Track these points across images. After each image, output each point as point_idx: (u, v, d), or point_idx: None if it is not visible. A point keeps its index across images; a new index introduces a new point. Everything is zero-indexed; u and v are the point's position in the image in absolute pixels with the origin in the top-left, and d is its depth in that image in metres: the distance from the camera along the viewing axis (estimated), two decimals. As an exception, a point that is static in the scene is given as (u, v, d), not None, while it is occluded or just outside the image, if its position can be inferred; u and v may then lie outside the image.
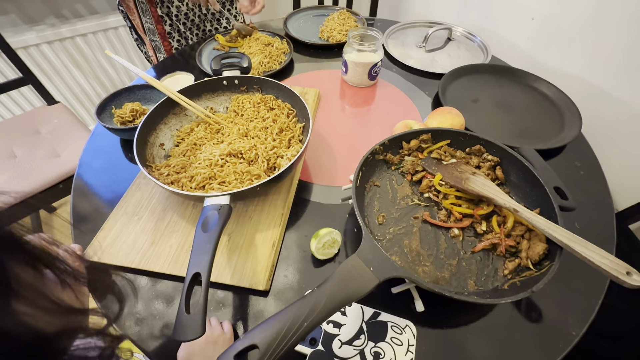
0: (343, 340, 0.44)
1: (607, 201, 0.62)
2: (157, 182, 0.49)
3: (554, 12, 0.96)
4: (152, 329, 0.47)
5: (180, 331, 0.33)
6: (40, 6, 1.32)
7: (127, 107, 0.71)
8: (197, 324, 0.33)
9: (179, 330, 0.33)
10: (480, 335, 0.46)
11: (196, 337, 0.33)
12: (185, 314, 0.34)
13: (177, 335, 0.33)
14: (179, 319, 0.34)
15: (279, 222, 0.55)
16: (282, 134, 0.63)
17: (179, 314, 0.34)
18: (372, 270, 0.41)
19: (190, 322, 0.34)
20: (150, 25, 0.98)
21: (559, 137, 0.70)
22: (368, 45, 0.77)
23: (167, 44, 1.03)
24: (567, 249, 0.44)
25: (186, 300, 0.35)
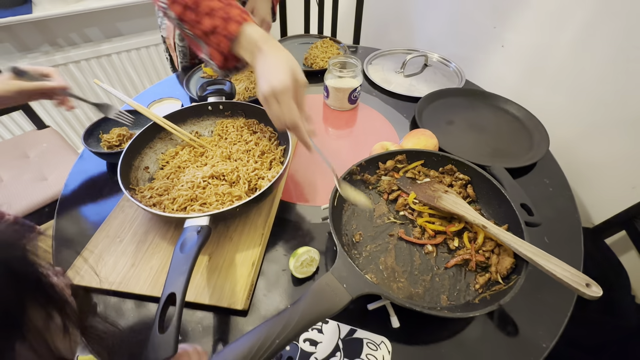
0: (319, 358, 0.44)
1: (575, 216, 0.65)
2: (138, 204, 0.50)
3: (522, 41, 1.04)
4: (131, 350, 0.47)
5: (152, 353, 0.34)
6: (35, 35, 1.36)
7: (114, 132, 0.74)
8: (169, 344, 0.34)
9: (150, 350, 0.34)
10: (455, 350, 0.47)
11: (168, 357, 0.33)
12: (158, 334, 0.35)
13: (149, 355, 0.34)
14: (152, 339, 0.35)
15: (259, 242, 0.56)
16: (264, 156, 0.65)
17: (152, 333, 0.35)
18: (346, 287, 0.42)
19: (163, 342, 0.34)
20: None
21: (528, 156, 0.74)
22: (347, 72, 0.82)
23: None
24: (532, 263, 0.46)
25: (160, 320, 0.36)
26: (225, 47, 0.50)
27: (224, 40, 0.50)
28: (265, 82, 0.46)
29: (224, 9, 0.50)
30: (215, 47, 0.51)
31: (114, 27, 1.50)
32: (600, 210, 0.98)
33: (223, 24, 0.49)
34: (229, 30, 0.49)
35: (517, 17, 1.02)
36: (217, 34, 0.50)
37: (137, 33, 1.53)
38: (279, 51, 0.49)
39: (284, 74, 0.46)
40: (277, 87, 0.45)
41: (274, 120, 0.51)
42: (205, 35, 0.51)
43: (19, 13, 1.22)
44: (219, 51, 0.51)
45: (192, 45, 0.57)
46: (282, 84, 0.45)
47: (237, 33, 0.49)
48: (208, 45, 0.52)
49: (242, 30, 0.50)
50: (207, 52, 0.53)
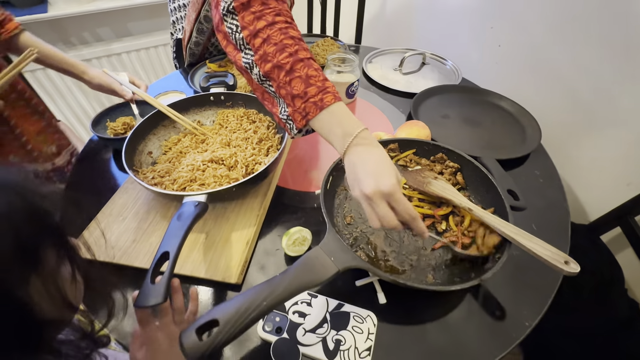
0: (307, 329, 0.46)
1: (564, 206, 0.66)
2: (140, 183, 0.53)
3: (518, 40, 1.06)
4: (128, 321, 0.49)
5: (143, 298, 0.36)
6: (50, 33, 1.42)
7: (120, 120, 0.77)
8: (159, 292, 0.37)
9: (142, 297, 0.36)
10: (439, 327, 0.49)
11: (158, 303, 0.36)
12: (149, 284, 0.37)
13: (140, 302, 0.36)
14: (144, 288, 0.37)
15: (254, 222, 0.59)
16: (262, 143, 0.68)
17: (145, 283, 0.38)
18: (333, 260, 0.44)
19: (154, 290, 0.37)
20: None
21: (520, 149, 0.76)
22: (345, 67, 0.85)
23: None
24: (514, 242, 0.48)
25: (152, 272, 0.39)
26: (313, 115, 0.48)
27: (314, 108, 0.48)
28: (371, 181, 0.43)
29: (321, 79, 0.49)
30: (300, 112, 0.49)
31: (124, 27, 1.55)
32: (596, 207, 0.99)
33: (317, 93, 0.48)
34: (323, 101, 0.47)
35: (513, 17, 1.04)
36: (307, 100, 0.48)
37: (147, 33, 1.59)
38: (378, 148, 0.46)
39: (392, 176, 0.43)
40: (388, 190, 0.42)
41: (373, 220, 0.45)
42: (291, 98, 0.49)
43: (35, 12, 1.28)
44: (304, 116, 0.49)
45: (264, 100, 0.56)
46: (393, 186, 0.42)
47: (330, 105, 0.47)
48: (290, 107, 0.50)
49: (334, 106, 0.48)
50: (286, 112, 0.52)
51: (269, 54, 0.50)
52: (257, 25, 0.50)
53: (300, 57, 0.49)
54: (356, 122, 0.47)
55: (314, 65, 0.50)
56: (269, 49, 0.49)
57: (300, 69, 0.49)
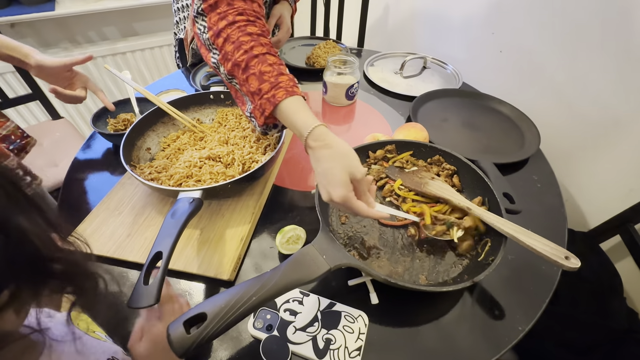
0: (297, 327, 0.46)
1: (561, 211, 0.65)
2: (137, 177, 0.54)
3: (519, 46, 1.06)
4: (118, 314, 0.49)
5: (136, 299, 0.36)
6: (56, 31, 1.45)
7: (120, 117, 0.78)
8: (152, 294, 0.37)
9: (134, 299, 0.36)
10: (431, 328, 0.48)
11: (150, 305, 0.36)
12: (142, 285, 0.37)
13: (132, 303, 0.36)
14: (136, 289, 0.37)
15: (249, 220, 0.59)
16: (259, 142, 0.68)
17: (137, 284, 0.38)
18: (325, 258, 0.44)
19: (146, 292, 0.37)
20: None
21: (518, 154, 0.75)
22: (345, 69, 0.85)
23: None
24: (514, 239, 0.48)
25: (146, 273, 0.39)
26: (269, 112, 0.49)
27: (268, 104, 0.48)
28: (324, 192, 0.45)
29: (274, 74, 0.49)
30: (258, 109, 0.50)
31: (130, 26, 1.57)
32: (596, 215, 0.98)
33: (270, 89, 0.48)
34: (275, 97, 0.48)
35: (515, 23, 1.05)
36: (262, 97, 0.49)
37: (152, 33, 1.61)
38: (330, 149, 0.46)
39: (341, 187, 0.43)
40: (337, 200, 0.43)
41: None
42: (251, 95, 0.50)
43: (43, 10, 1.30)
44: (261, 113, 0.50)
45: (236, 99, 0.57)
46: (341, 197, 0.43)
47: (282, 101, 0.48)
48: (252, 104, 0.51)
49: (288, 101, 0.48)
50: (250, 109, 0.53)
51: (228, 52, 0.51)
52: (220, 25, 0.51)
53: (254, 54, 0.49)
54: (307, 120, 0.47)
55: (269, 60, 0.50)
56: (229, 47, 0.50)
57: (255, 66, 0.49)
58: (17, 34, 1.38)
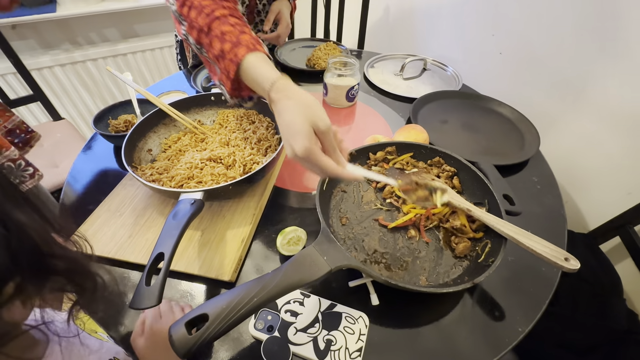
0: (298, 328, 0.46)
1: (561, 213, 0.66)
2: (138, 179, 0.54)
3: (519, 48, 1.06)
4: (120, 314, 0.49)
5: (137, 300, 0.36)
6: (57, 33, 1.45)
7: (121, 118, 0.78)
8: (154, 295, 0.37)
9: (136, 300, 0.37)
10: (431, 330, 0.49)
11: (152, 306, 0.36)
12: (144, 286, 0.38)
13: (134, 304, 0.36)
14: (138, 290, 0.37)
15: (250, 221, 0.59)
16: (260, 143, 0.69)
17: (139, 285, 0.38)
18: (326, 259, 0.44)
19: (148, 293, 0.37)
20: None
21: (518, 155, 0.76)
22: (345, 70, 0.86)
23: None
24: (514, 241, 0.48)
25: (147, 274, 0.39)
26: (232, 71, 0.47)
27: (231, 64, 0.47)
28: (288, 147, 0.43)
29: (236, 34, 0.47)
30: (224, 72, 0.49)
31: (131, 28, 1.58)
32: (595, 216, 0.99)
33: (232, 48, 0.47)
34: (237, 55, 0.46)
35: (514, 25, 1.05)
36: (225, 58, 0.47)
37: (153, 35, 1.61)
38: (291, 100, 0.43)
39: (303, 137, 0.40)
40: (300, 154, 0.41)
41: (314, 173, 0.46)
42: (217, 59, 0.49)
43: (44, 11, 1.31)
44: (227, 76, 0.49)
45: (210, 71, 0.55)
46: (303, 149, 0.40)
47: (243, 58, 0.46)
48: (220, 70, 0.50)
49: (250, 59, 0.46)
50: (219, 76, 0.52)
51: (193, 20, 0.50)
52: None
53: (216, 16, 0.48)
54: (269, 74, 0.45)
55: (231, 20, 0.49)
56: (192, 14, 0.50)
57: (216, 28, 0.48)
58: (19, 35, 1.39)
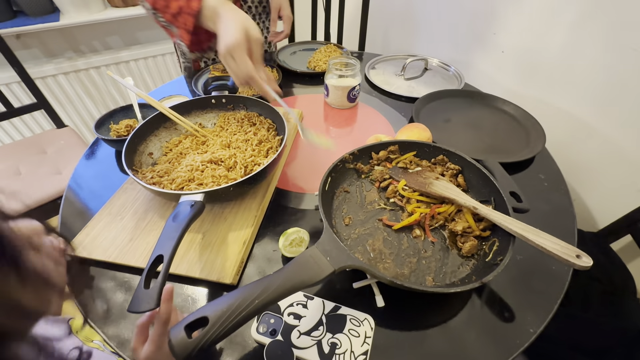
0: (302, 331, 0.45)
1: (570, 210, 0.64)
2: (138, 182, 0.53)
3: (521, 46, 1.05)
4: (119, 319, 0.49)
5: (136, 303, 0.36)
6: (61, 42, 1.47)
7: (123, 123, 0.78)
8: (152, 298, 0.36)
9: (134, 303, 0.36)
10: (439, 332, 0.47)
11: (150, 309, 0.35)
12: (143, 289, 0.37)
13: (132, 307, 0.35)
14: (137, 293, 0.36)
15: (251, 223, 0.58)
16: (261, 145, 0.68)
17: (138, 288, 0.37)
18: (329, 259, 0.43)
19: (147, 296, 0.36)
20: None
21: (523, 152, 0.74)
22: (346, 71, 0.85)
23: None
24: (523, 239, 0.46)
25: (146, 277, 0.38)
26: (190, 24, 0.52)
27: (189, 17, 0.52)
28: (221, 41, 0.48)
29: None
30: (183, 27, 0.54)
31: (133, 36, 1.59)
32: (605, 214, 0.96)
33: (186, 3, 0.51)
34: (191, 8, 0.51)
35: (516, 23, 1.04)
36: (182, 13, 0.52)
37: (154, 42, 1.63)
38: (234, 13, 0.50)
39: (237, 32, 0.47)
40: (230, 44, 0.47)
41: (234, 78, 0.53)
42: (174, 18, 0.53)
43: (48, 21, 1.32)
44: (186, 30, 0.53)
45: (167, 33, 0.60)
46: (235, 40, 0.47)
47: (199, 8, 0.51)
48: (178, 28, 0.55)
49: (204, 4, 0.52)
50: (177, 34, 0.56)
51: None
52: None
53: None
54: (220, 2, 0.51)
55: None
56: None
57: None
58: (23, 44, 1.41)
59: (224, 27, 0.49)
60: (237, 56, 0.48)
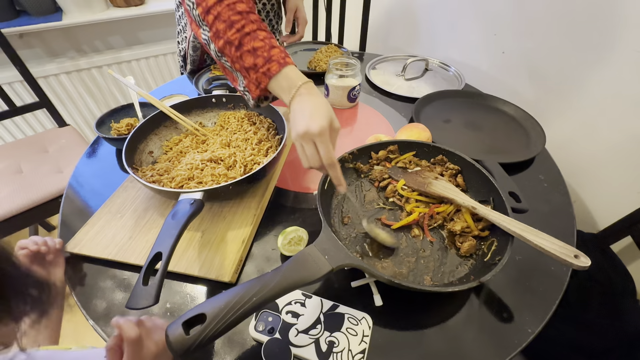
0: (300, 329, 0.45)
1: (569, 211, 0.64)
2: (138, 180, 0.54)
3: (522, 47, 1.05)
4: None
5: (134, 300, 0.36)
6: (63, 41, 1.48)
7: (123, 121, 0.79)
8: (150, 294, 0.36)
9: (132, 300, 0.36)
10: (437, 331, 0.47)
11: (149, 306, 0.35)
12: (141, 286, 0.37)
13: (130, 304, 0.36)
14: (135, 290, 0.37)
15: (250, 222, 0.58)
16: (261, 144, 0.68)
17: (136, 285, 0.37)
18: (327, 258, 0.43)
19: (145, 293, 0.36)
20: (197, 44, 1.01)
21: (523, 153, 0.74)
22: (346, 71, 0.85)
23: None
24: (521, 239, 0.46)
25: (145, 273, 0.38)
26: (264, 84, 0.53)
27: (264, 78, 0.52)
28: (303, 123, 0.47)
29: (267, 49, 0.52)
30: (253, 82, 0.54)
31: (134, 35, 1.60)
32: (605, 216, 0.96)
33: (264, 63, 0.51)
34: (269, 70, 0.51)
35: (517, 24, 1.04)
36: (257, 72, 0.52)
37: (156, 42, 1.63)
38: (318, 97, 0.50)
39: (324, 120, 0.46)
40: (317, 131, 0.46)
41: (304, 161, 0.50)
42: (245, 71, 0.54)
43: (50, 20, 1.33)
44: (257, 86, 0.54)
45: (226, 75, 0.60)
46: (322, 128, 0.46)
47: (276, 73, 0.51)
48: (246, 79, 0.55)
49: (283, 72, 0.52)
50: (243, 84, 0.56)
51: (220, 31, 0.53)
52: (209, 1, 0.53)
53: (246, 31, 0.52)
54: (300, 77, 0.51)
55: (260, 35, 0.53)
56: (220, 26, 0.53)
57: (248, 43, 0.52)
58: (26, 44, 1.42)
59: (308, 109, 0.48)
60: (320, 142, 0.47)
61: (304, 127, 0.46)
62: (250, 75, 0.53)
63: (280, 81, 0.52)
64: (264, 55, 0.51)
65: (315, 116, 0.47)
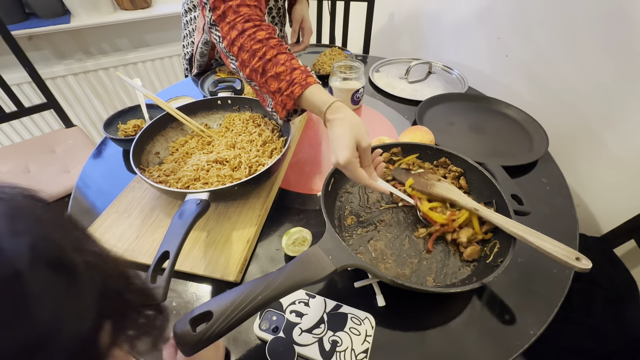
0: (303, 329, 0.46)
1: (572, 214, 0.64)
2: (145, 180, 0.55)
3: (525, 51, 1.06)
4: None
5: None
6: (71, 43, 1.50)
7: (130, 123, 0.80)
8: (158, 292, 0.37)
9: (141, 296, 0.37)
10: (439, 332, 0.48)
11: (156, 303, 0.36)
12: (150, 284, 0.38)
13: (139, 300, 0.36)
14: (144, 287, 0.37)
15: (255, 222, 0.59)
16: (266, 145, 0.69)
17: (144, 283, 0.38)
18: (331, 258, 0.44)
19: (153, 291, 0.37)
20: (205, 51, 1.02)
21: (526, 156, 0.74)
22: (350, 74, 0.86)
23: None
24: (523, 241, 0.47)
25: (153, 271, 0.39)
26: (290, 105, 0.57)
27: (289, 100, 0.56)
28: (333, 156, 0.50)
29: (289, 72, 0.55)
30: (280, 104, 0.58)
31: (141, 38, 1.62)
32: (608, 219, 0.96)
33: (287, 87, 0.55)
34: (293, 92, 0.55)
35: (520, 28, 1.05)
36: (282, 94, 0.56)
37: (162, 44, 1.65)
38: (342, 121, 0.51)
39: (345, 150, 0.48)
40: (342, 163, 0.49)
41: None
42: (272, 94, 0.58)
43: (59, 23, 1.35)
44: (283, 107, 0.58)
45: (257, 96, 0.64)
46: (345, 159, 0.48)
47: (299, 95, 0.55)
48: (273, 101, 0.59)
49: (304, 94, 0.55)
50: (271, 105, 0.60)
51: (245, 60, 0.58)
52: (232, 34, 0.58)
53: (267, 58, 0.56)
54: (323, 100, 0.54)
55: (281, 60, 0.56)
56: (244, 55, 0.57)
57: (271, 69, 0.56)
58: (34, 46, 1.44)
59: (335, 138, 0.50)
60: (347, 172, 0.50)
61: (334, 160, 0.50)
62: (276, 98, 0.58)
63: (308, 101, 0.55)
64: (287, 79, 0.55)
65: (337, 148, 0.49)
